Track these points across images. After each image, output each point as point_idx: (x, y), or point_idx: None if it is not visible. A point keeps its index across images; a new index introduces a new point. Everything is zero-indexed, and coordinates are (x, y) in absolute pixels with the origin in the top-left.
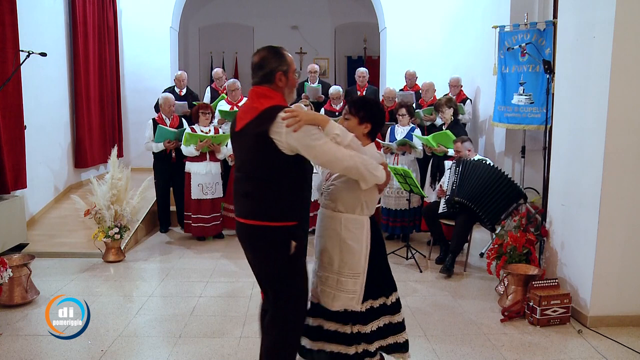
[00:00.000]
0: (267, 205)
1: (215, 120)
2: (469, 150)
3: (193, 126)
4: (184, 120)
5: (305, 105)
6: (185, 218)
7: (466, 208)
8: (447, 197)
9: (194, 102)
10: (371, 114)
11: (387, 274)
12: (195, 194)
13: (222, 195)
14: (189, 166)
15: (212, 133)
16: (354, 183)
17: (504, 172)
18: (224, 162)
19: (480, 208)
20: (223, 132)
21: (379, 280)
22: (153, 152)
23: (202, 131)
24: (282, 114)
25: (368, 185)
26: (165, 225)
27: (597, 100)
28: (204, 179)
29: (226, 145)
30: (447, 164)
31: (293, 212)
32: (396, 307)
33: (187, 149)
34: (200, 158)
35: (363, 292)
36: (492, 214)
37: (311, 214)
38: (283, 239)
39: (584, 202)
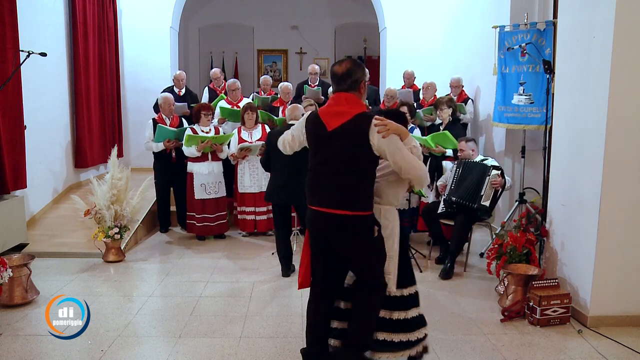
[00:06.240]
0: (361, 196)
1: (215, 120)
2: (473, 150)
3: (193, 126)
4: (184, 120)
5: (310, 105)
6: (188, 218)
7: (464, 208)
8: (445, 197)
9: (192, 103)
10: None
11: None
12: (198, 194)
13: (225, 194)
14: (191, 166)
15: (212, 133)
16: (395, 182)
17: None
18: (227, 161)
19: (466, 199)
20: (223, 132)
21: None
22: (153, 152)
23: (202, 131)
24: (374, 121)
25: (421, 187)
26: (165, 225)
27: (597, 100)
28: (207, 178)
29: (228, 145)
30: (445, 164)
31: (372, 203)
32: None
33: (189, 150)
34: (202, 158)
35: (396, 275)
36: (472, 197)
37: None
38: (370, 225)
39: (584, 202)
